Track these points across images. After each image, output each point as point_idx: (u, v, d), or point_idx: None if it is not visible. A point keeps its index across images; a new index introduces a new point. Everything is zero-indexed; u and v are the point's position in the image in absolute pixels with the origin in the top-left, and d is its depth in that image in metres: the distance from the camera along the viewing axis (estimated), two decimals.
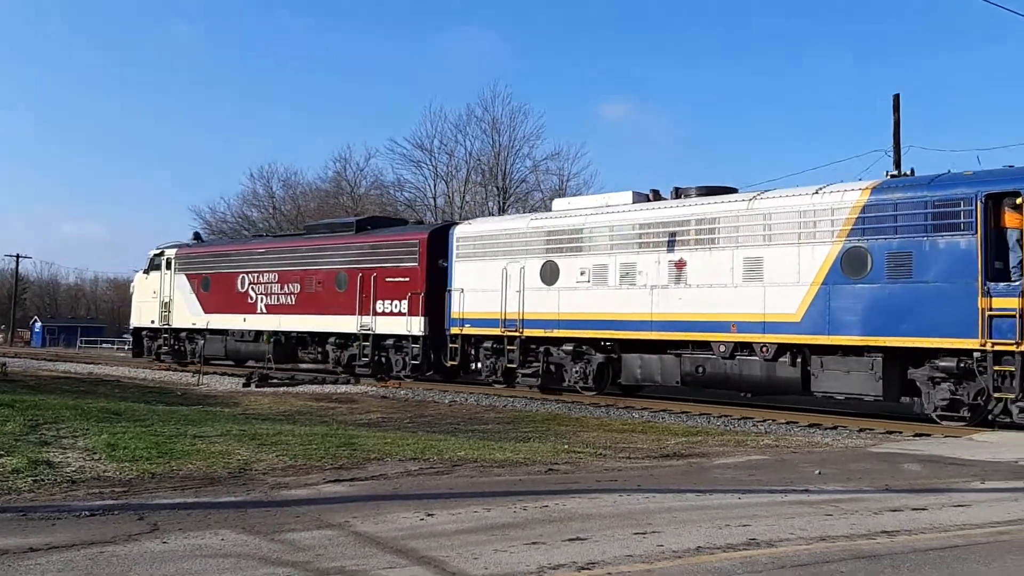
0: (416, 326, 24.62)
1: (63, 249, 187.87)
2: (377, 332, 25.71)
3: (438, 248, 24.63)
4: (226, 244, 34.34)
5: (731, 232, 18.40)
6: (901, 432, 15.57)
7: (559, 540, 6.17)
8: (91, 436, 11.29)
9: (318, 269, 27.67)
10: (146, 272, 34.55)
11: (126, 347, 75.53)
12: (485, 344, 23.19)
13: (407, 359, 25.29)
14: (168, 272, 33.27)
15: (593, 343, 20.92)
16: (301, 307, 28.03)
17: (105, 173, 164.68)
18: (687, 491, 8.58)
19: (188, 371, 29.47)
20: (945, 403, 15.79)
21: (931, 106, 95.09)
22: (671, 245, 19.36)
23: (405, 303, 24.90)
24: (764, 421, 17.30)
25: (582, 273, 20.86)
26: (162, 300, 33.16)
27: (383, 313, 25.55)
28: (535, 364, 22.15)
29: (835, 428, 16.28)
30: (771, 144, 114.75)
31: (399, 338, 25.40)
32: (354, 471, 9.44)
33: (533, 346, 22.21)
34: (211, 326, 31.19)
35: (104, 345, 78.64)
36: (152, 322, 33.95)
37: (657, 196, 21.04)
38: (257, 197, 65.90)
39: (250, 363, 31.80)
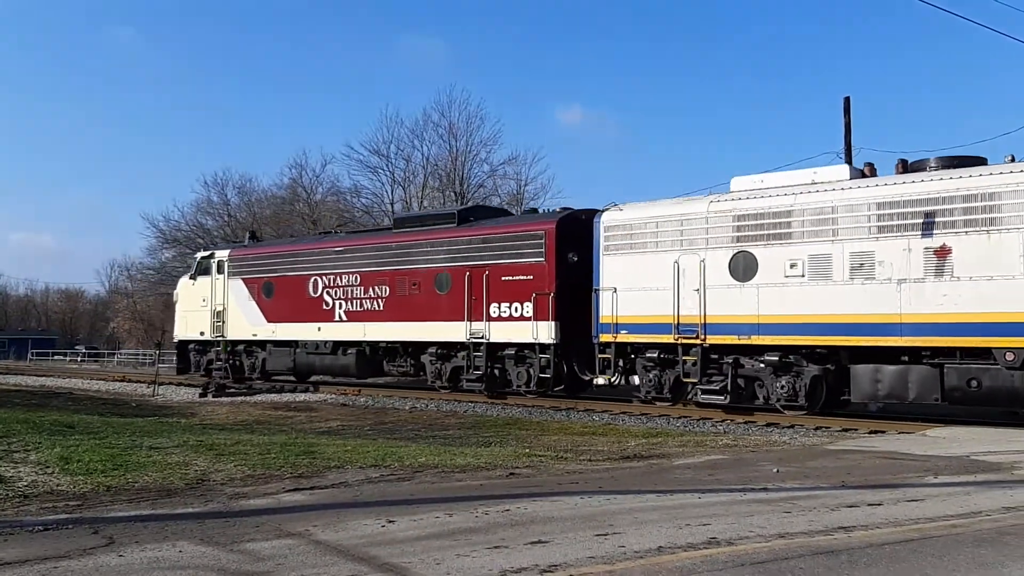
0: (544, 332, 20.81)
1: (10, 260, 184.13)
2: (492, 340, 21.72)
3: (568, 239, 20.99)
4: (291, 243, 29.71)
5: (1020, 210, 14.81)
6: (857, 430, 15.82)
7: (521, 543, 6.18)
8: (44, 450, 11.07)
9: (413, 268, 23.69)
10: (192, 278, 30.57)
11: (79, 358, 74.38)
12: (648, 354, 19.13)
13: (532, 371, 21.34)
14: (220, 277, 29.23)
15: (804, 351, 17.11)
16: (391, 313, 24.11)
17: (51, 181, 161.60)
18: (648, 492, 8.64)
19: (240, 387, 27.07)
20: None
21: (883, 107, 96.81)
22: (928, 228, 15.66)
23: (529, 306, 21.06)
24: (723, 421, 17.47)
25: (792, 266, 17.00)
26: (214, 309, 29.14)
27: (499, 318, 21.65)
28: (718, 378, 18.08)
29: (792, 427, 16.49)
30: (728, 145, 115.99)
31: (521, 347, 21.47)
32: (314, 479, 9.37)
33: (715, 356, 18.21)
34: (276, 337, 27.28)
35: (56, 357, 77.07)
36: (202, 334, 29.78)
37: (873, 171, 17.71)
38: (212, 205, 65.09)
39: (323, 378, 28.42)
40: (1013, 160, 15.93)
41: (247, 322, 28.28)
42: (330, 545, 6.16)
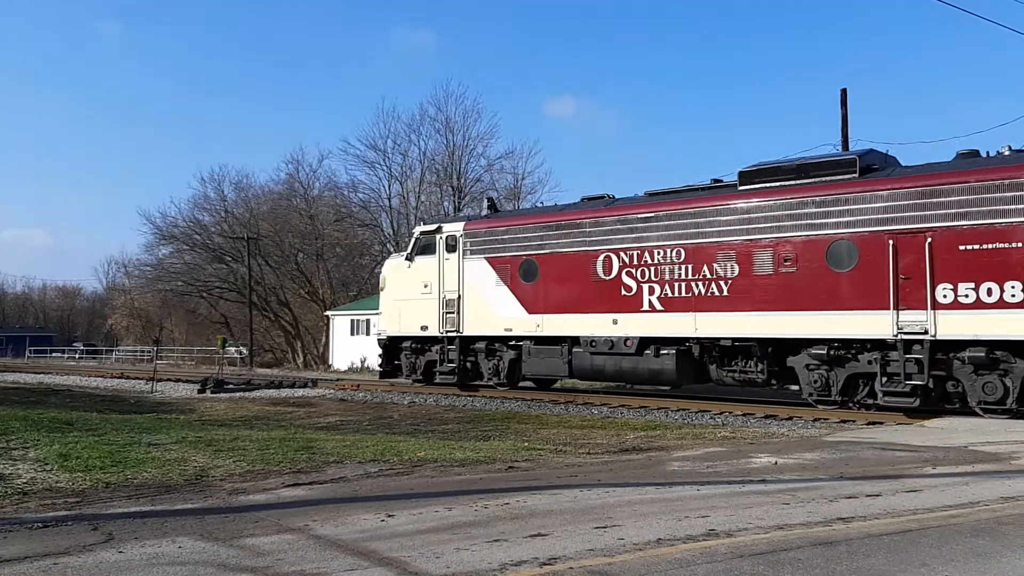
0: None
1: (5, 257, 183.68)
2: (939, 337, 15.57)
3: None
4: (559, 211, 22.53)
5: None
6: (855, 421, 15.84)
7: (521, 537, 6.18)
8: (42, 447, 11.07)
9: (780, 239, 17.51)
10: (408, 258, 24.61)
11: (76, 355, 74.34)
12: None
13: (1010, 383, 15.08)
14: (452, 256, 23.36)
15: None
16: (739, 299, 18.05)
17: (46, 178, 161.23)
18: (647, 484, 8.65)
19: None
20: None
21: (880, 97, 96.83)
22: None
23: (1018, 286, 14.86)
24: (721, 414, 17.50)
25: None
26: (443, 297, 23.33)
27: (956, 305, 15.40)
28: None
29: (790, 419, 16.51)
30: (721, 138, 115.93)
31: (999, 346, 15.17)
32: (313, 474, 9.37)
33: None
34: (541, 332, 21.49)
35: (54, 354, 77.08)
36: (423, 328, 23.87)
37: None
38: (209, 201, 64.99)
39: (616, 384, 22.94)
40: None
41: (494, 313, 22.43)
42: (329, 540, 6.16)
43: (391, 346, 25.31)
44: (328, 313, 51.38)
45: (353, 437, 13.34)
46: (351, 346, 47.64)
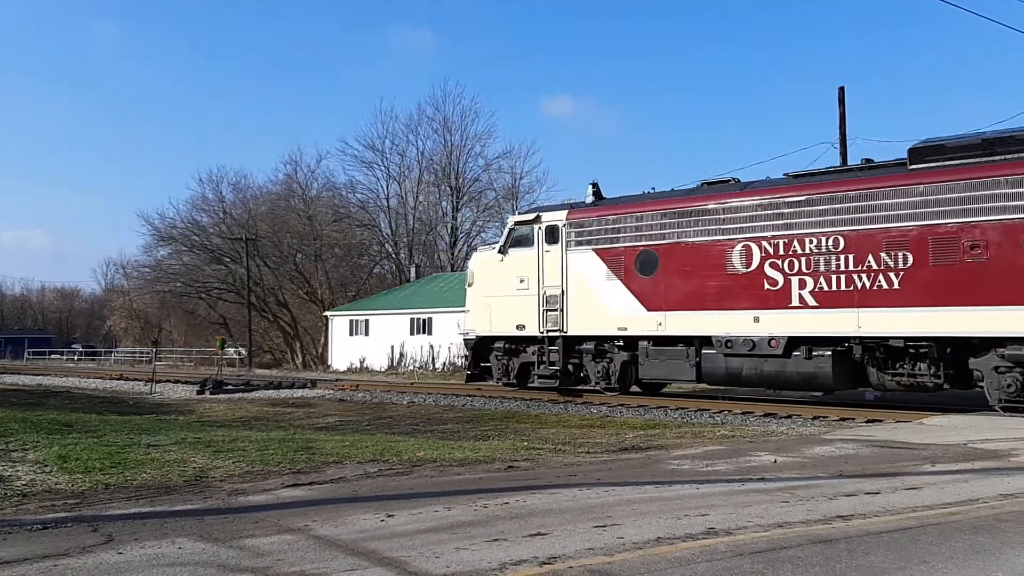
0: None
1: (4, 259, 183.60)
2: None
3: None
4: (682, 196, 20.03)
5: None
6: (854, 419, 15.85)
7: (520, 536, 6.18)
8: (41, 448, 11.07)
9: (966, 223, 15.35)
10: (502, 251, 22.48)
11: (75, 357, 74.28)
12: None
13: None
14: (553, 248, 21.30)
15: None
16: (915, 293, 15.90)
17: (43, 179, 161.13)
18: (646, 483, 8.64)
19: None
20: None
21: (876, 95, 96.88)
22: None
23: None
24: (720, 412, 17.50)
25: None
26: (543, 293, 21.31)
27: None
28: None
29: (790, 417, 16.52)
30: (719, 138, 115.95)
31: None
32: (312, 475, 9.37)
33: None
34: (664, 331, 19.31)
35: (53, 356, 77.07)
36: (520, 327, 21.76)
37: None
38: (207, 202, 65.02)
39: (754, 390, 20.26)
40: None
41: (605, 310, 20.31)
42: (329, 540, 6.16)
43: (480, 347, 23.08)
44: (327, 314, 51.39)
45: (352, 437, 13.34)
46: (350, 346, 47.65)
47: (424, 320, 44.31)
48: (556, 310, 20.97)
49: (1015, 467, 9.54)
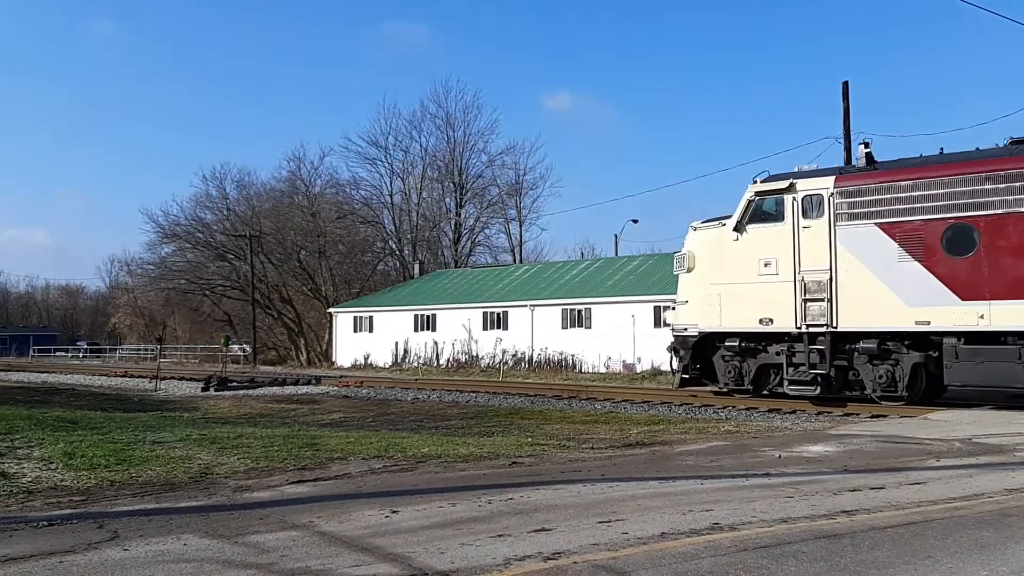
0: None
1: (8, 257, 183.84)
2: None
3: None
4: (1009, 156, 15.87)
5: None
6: (858, 414, 15.83)
7: (525, 532, 6.19)
8: (47, 445, 11.09)
9: None
10: (738, 228, 18.46)
11: (80, 355, 74.42)
12: None
13: None
14: (815, 222, 17.35)
15: None
16: None
17: (47, 177, 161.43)
18: (650, 479, 8.65)
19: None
20: None
21: (882, 91, 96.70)
22: None
23: None
24: (724, 408, 17.49)
25: None
26: (800, 279, 17.42)
27: None
28: None
29: (794, 412, 16.51)
30: (721, 132, 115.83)
31: None
32: (317, 471, 9.38)
33: None
34: (990, 326, 15.37)
35: (58, 354, 77.18)
36: (763, 321, 17.98)
37: None
38: (210, 199, 65.07)
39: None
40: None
41: (894, 300, 16.47)
42: (334, 536, 6.17)
43: (700, 346, 19.18)
44: (331, 310, 51.44)
45: (357, 434, 13.35)
46: (354, 343, 47.69)
47: (428, 316, 44.35)
48: (820, 299, 17.13)
49: (1020, 462, 9.53)
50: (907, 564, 5.19)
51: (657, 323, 34.69)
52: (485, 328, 41.60)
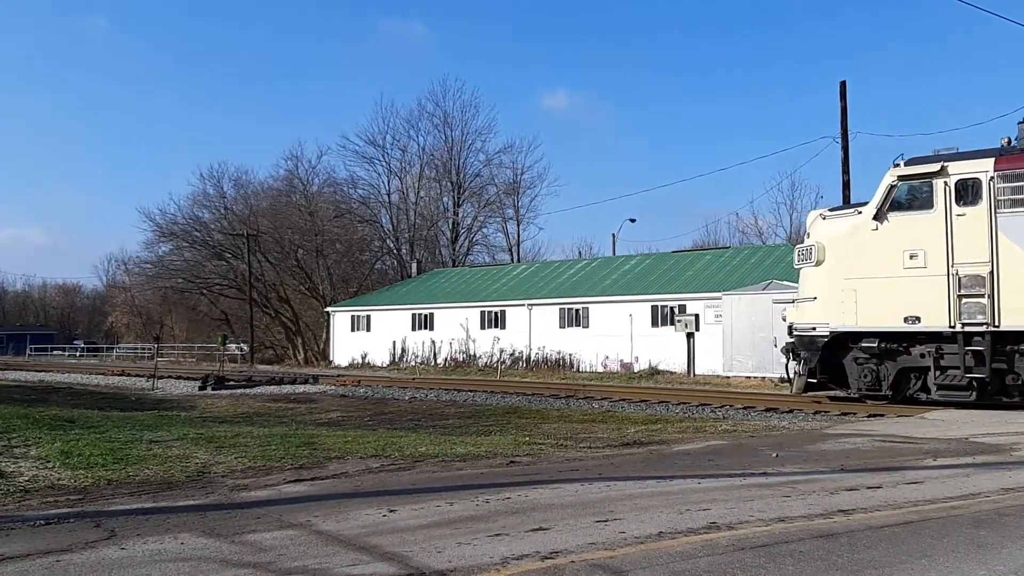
0: None
1: (4, 255, 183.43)
2: None
3: None
4: None
5: None
6: (855, 414, 15.85)
7: (522, 531, 6.19)
8: (44, 444, 11.08)
9: None
10: (878, 215, 16.79)
11: (77, 353, 74.33)
12: None
13: None
14: (972, 209, 15.73)
15: None
16: None
17: (44, 175, 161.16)
18: (648, 478, 8.65)
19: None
20: None
21: (876, 90, 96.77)
22: None
23: None
24: (722, 407, 17.51)
25: None
26: (954, 272, 15.78)
27: None
28: None
29: (791, 411, 16.53)
30: (717, 132, 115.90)
31: None
32: (315, 470, 9.38)
33: None
34: None
35: (55, 352, 77.09)
36: (909, 319, 16.33)
37: None
38: (208, 198, 65.03)
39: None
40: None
41: None
42: (331, 535, 6.17)
43: (833, 347, 17.40)
44: (329, 309, 51.42)
45: (354, 433, 13.34)
46: (352, 342, 47.67)
47: (426, 316, 44.34)
48: (979, 295, 15.45)
49: (1016, 461, 9.55)
50: (904, 563, 5.20)
51: (655, 322, 34.78)
52: (483, 327, 41.63)
